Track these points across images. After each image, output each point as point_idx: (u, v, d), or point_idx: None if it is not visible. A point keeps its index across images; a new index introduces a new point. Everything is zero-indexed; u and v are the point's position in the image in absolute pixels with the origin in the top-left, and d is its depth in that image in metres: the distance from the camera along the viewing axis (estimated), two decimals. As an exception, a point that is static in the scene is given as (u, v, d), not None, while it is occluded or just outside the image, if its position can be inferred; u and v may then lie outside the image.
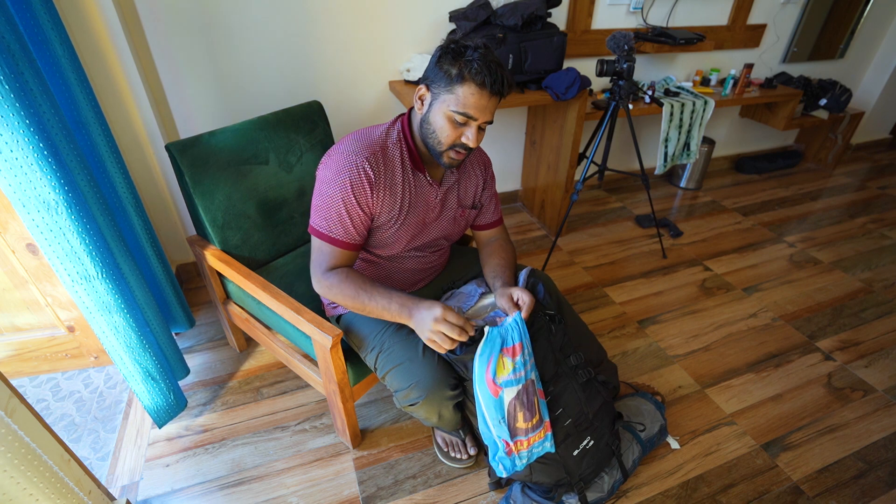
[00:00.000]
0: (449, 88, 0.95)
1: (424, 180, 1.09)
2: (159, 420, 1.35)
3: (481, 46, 0.93)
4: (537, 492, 1.20)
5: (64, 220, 0.98)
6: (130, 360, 1.21)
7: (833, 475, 1.34)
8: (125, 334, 1.17)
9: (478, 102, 0.94)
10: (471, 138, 0.97)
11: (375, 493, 1.27)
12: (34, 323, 1.48)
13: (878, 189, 3.01)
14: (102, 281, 1.08)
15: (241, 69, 1.81)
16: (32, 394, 1.53)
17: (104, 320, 1.12)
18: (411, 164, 1.07)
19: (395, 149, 1.05)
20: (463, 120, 0.96)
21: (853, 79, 3.20)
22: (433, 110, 0.99)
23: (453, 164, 1.04)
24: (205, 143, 1.32)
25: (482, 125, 0.98)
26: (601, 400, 1.23)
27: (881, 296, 2.04)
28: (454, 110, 0.95)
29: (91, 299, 1.08)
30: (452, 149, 1.00)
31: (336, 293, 1.03)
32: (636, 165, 2.86)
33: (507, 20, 1.84)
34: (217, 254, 1.35)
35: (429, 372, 1.05)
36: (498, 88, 0.93)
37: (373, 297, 1.00)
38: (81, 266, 1.04)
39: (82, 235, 1.02)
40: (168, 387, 1.33)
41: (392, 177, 1.05)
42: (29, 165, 0.90)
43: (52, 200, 0.95)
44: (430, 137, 1.01)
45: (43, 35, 1.09)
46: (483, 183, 1.23)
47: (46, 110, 0.99)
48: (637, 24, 2.38)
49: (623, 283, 2.09)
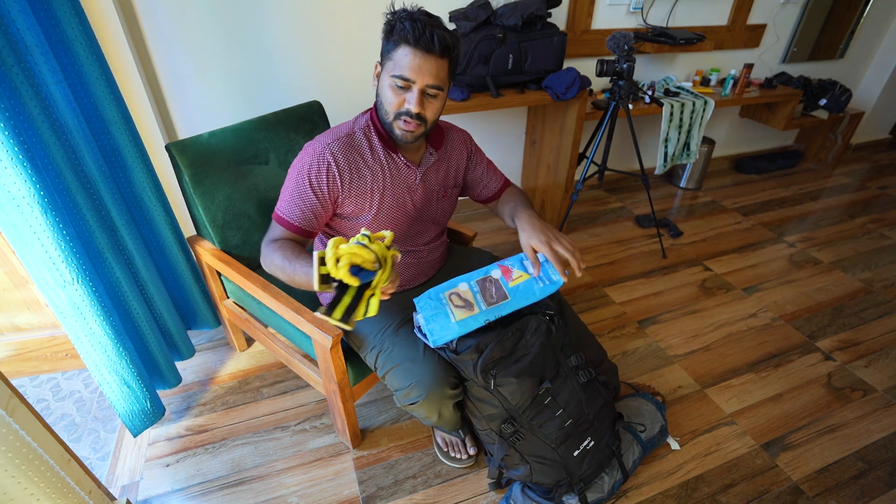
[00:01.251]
0: (388, 57, 0.96)
1: (400, 161, 1.09)
2: (134, 428, 1.33)
3: (416, 12, 0.94)
4: (537, 492, 1.20)
5: (38, 223, 0.97)
6: (105, 367, 1.19)
7: (833, 475, 1.34)
8: (100, 340, 1.15)
9: (412, 63, 0.93)
10: (412, 102, 0.96)
11: (375, 493, 1.27)
12: (34, 323, 1.48)
13: (878, 189, 3.01)
14: (78, 286, 1.07)
15: (241, 69, 1.81)
16: (33, 394, 1.53)
17: (78, 325, 1.11)
18: (383, 145, 1.07)
19: (361, 134, 1.07)
20: (403, 83, 0.95)
21: (853, 79, 3.20)
22: (380, 83, 1.00)
23: (406, 137, 1.01)
24: (205, 143, 1.32)
25: (427, 90, 0.96)
26: (602, 400, 1.23)
27: (881, 296, 2.04)
28: (392, 75, 0.95)
29: (65, 304, 1.07)
30: (399, 118, 0.99)
31: (269, 263, 1.02)
32: (636, 165, 2.86)
33: (507, 20, 1.84)
34: (217, 254, 1.35)
35: (429, 371, 1.05)
36: (426, 44, 0.91)
37: (295, 268, 0.95)
38: (56, 271, 1.03)
39: (58, 240, 1.01)
40: (144, 394, 1.30)
41: (360, 160, 1.06)
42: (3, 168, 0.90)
43: (27, 204, 0.95)
44: (381, 111, 1.02)
45: (62, 34, 1.06)
46: (467, 158, 1.23)
47: (33, 110, 0.98)
48: (637, 24, 2.38)
49: (623, 283, 2.09)
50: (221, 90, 1.82)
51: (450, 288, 1.07)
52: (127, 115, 1.24)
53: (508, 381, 1.07)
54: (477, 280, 1.08)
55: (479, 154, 1.26)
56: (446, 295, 1.05)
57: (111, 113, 1.19)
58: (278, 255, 0.99)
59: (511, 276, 1.08)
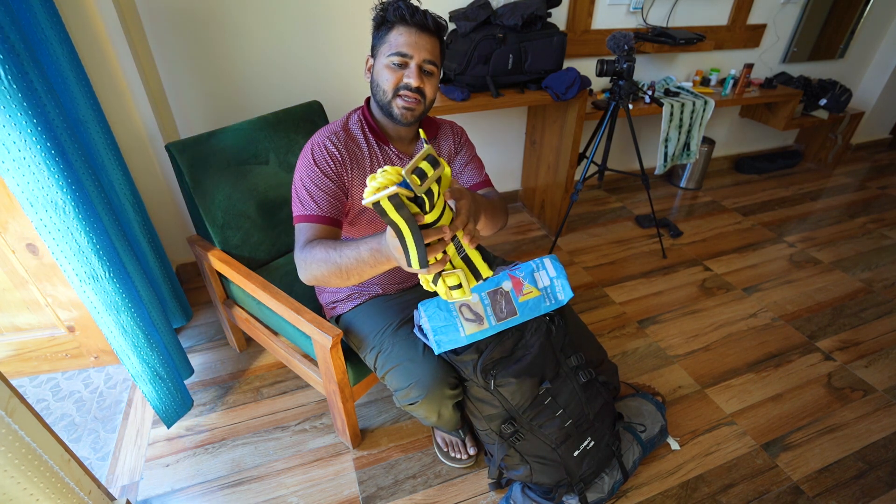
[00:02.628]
0: (382, 41, 0.98)
1: (391, 153, 1.10)
2: (168, 419, 1.35)
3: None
4: (537, 492, 1.20)
5: (71, 219, 0.98)
6: (138, 360, 1.21)
7: (833, 475, 1.34)
8: (132, 334, 1.17)
9: (407, 39, 0.96)
10: (412, 76, 0.97)
11: (375, 493, 1.27)
12: (34, 323, 1.48)
13: (878, 189, 3.01)
14: (109, 280, 1.08)
15: (241, 69, 1.81)
16: (32, 394, 1.53)
17: (111, 320, 1.12)
18: (374, 138, 1.08)
19: (356, 127, 1.08)
20: (400, 61, 0.97)
21: (853, 79, 3.20)
22: (376, 70, 1.01)
23: (406, 116, 1.01)
24: (205, 143, 1.32)
25: (423, 65, 0.98)
26: (602, 401, 1.23)
27: (881, 296, 2.04)
28: (389, 55, 0.97)
29: (98, 299, 1.08)
30: (398, 95, 0.99)
31: (311, 262, 0.93)
32: (636, 165, 2.86)
33: (507, 20, 1.84)
34: (217, 254, 1.35)
35: (428, 371, 1.05)
36: (420, 20, 0.95)
37: (342, 253, 0.88)
38: (89, 265, 1.04)
39: (89, 235, 1.02)
40: (175, 386, 1.33)
41: (359, 151, 1.07)
42: (37, 165, 0.91)
43: (60, 199, 0.96)
44: (378, 96, 1.02)
45: (42, 34, 1.09)
46: (455, 148, 1.20)
47: (51, 109, 0.99)
48: (637, 24, 2.38)
49: (623, 283, 2.09)
50: (221, 90, 1.82)
51: None
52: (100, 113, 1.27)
53: (508, 381, 1.07)
54: (488, 292, 1.07)
55: (468, 147, 1.22)
56: (457, 306, 1.04)
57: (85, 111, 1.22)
58: (317, 250, 0.92)
59: (522, 290, 1.09)
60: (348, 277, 0.88)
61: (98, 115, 1.26)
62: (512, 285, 1.08)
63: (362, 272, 0.87)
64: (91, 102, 1.24)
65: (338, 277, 0.89)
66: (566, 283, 1.12)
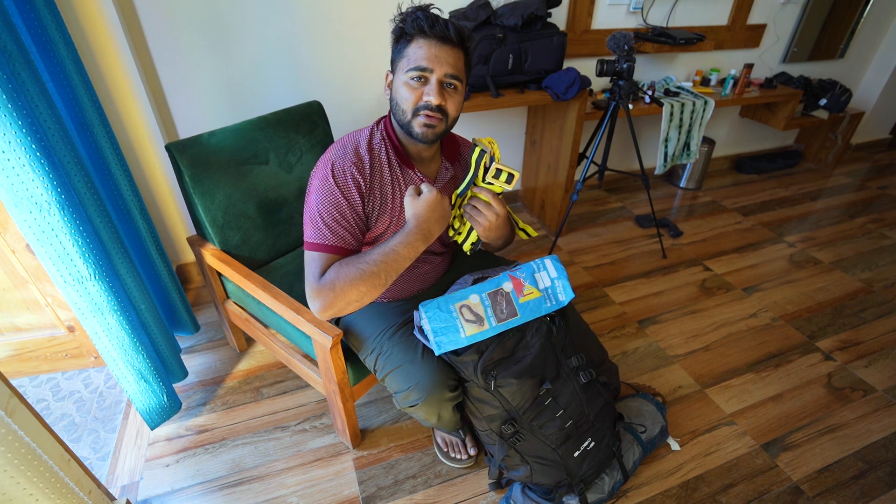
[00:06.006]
0: (401, 56, 0.94)
1: (415, 177, 1.06)
2: (151, 422, 1.34)
3: (427, 7, 0.94)
4: (538, 492, 1.20)
5: (56, 220, 0.97)
6: (123, 362, 1.20)
7: (833, 475, 1.34)
8: (117, 336, 1.16)
9: (428, 53, 0.90)
10: (431, 93, 0.92)
11: (375, 493, 1.27)
12: (34, 323, 1.48)
13: (878, 189, 3.01)
14: (95, 282, 1.07)
15: (241, 69, 1.81)
16: (32, 394, 1.53)
17: (95, 321, 1.12)
18: (398, 160, 1.04)
19: (380, 148, 1.03)
20: (419, 75, 0.91)
21: (853, 79, 3.20)
22: (395, 86, 0.97)
23: (427, 135, 0.96)
24: (205, 143, 1.32)
25: (444, 80, 0.93)
26: (602, 401, 1.22)
27: (881, 296, 2.04)
28: (408, 70, 0.92)
29: (83, 300, 1.08)
30: (418, 114, 0.94)
31: (339, 286, 0.92)
32: (636, 165, 2.86)
33: (507, 20, 1.84)
34: (217, 254, 1.35)
35: (428, 373, 1.05)
36: (441, 31, 0.90)
37: (372, 259, 0.91)
38: (73, 267, 1.03)
39: (75, 237, 1.01)
40: (161, 389, 1.32)
41: (381, 177, 1.02)
42: (21, 166, 0.90)
43: (45, 202, 0.95)
44: (398, 115, 0.98)
45: (47, 36, 1.08)
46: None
47: (43, 111, 0.99)
48: (637, 24, 2.38)
49: (623, 283, 2.09)
50: (221, 90, 1.81)
51: (460, 300, 1.04)
52: (104, 116, 1.26)
53: (509, 381, 1.07)
54: (489, 293, 1.06)
55: None
56: (457, 307, 1.03)
57: (91, 114, 1.22)
58: (344, 271, 0.92)
59: (522, 290, 1.08)
60: (386, 280, 0.95)
61: (102, 119, 1.25)
62: (513, 286, 1.08)
63: (399, 265, 0.95)
64: (96, 106, 1.23)
65: (374, 287, 0.94)
66: (567, 283, 1.11)
